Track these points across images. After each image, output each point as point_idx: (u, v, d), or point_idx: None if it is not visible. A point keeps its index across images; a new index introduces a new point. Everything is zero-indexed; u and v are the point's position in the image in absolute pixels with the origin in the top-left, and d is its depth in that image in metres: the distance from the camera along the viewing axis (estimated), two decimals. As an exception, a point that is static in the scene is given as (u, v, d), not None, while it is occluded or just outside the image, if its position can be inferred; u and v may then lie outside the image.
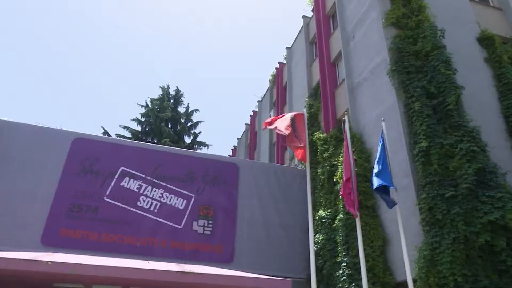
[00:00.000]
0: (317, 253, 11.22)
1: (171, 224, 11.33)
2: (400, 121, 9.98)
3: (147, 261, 5.42)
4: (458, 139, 8.86)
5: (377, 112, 11.15)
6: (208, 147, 28.59)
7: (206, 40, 77.23)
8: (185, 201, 11.75)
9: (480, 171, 8.46)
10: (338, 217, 11.04)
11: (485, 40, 11.92)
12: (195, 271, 4.46)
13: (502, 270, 7.69)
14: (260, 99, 24.92)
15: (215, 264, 8.79)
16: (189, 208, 11.69)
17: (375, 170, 8.07)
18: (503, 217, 7.74)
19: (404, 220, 8.06)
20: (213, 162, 12.74)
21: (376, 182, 7.87)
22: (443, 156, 8.82)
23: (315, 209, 12.41)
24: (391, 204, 8.07)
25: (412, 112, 9.72)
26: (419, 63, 10.47)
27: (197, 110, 29.27)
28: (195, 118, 29.20)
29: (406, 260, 7.39)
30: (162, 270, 4.29)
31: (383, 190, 7.97)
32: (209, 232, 11.51)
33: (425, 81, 10.04)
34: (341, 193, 8.75)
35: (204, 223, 11.59)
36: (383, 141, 8.53)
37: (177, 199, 11.71)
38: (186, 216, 11.55)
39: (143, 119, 27.28)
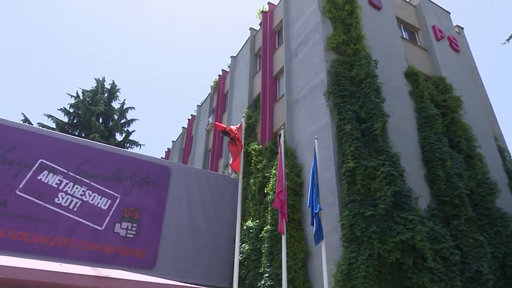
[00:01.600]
0: (241, 263, 11.27)
1: (91, 224, 10.61)
2: (331, 140, 10.50)
3: (59, 263, 5.00)
4: (380, 163, 9.58)
5: (311, 130, 11.64)
6: (140, 147, 27.64)
7: (149, 38, 74.99)
8: (109, 201, 11.10)
9: (396, 194, 9.22)
10: (265, 228, 11.23)
11: (411, 76, 13.15)
12: (112, 276, 4.22)
13: (408, 286, 8.41)
14: (200, 104, 24.69)
15: (135, 269, 8.39)
16: (113, 209, 11.05)
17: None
18: (413, 237, 8.50)
19: (326, 235, 8.42)
20: (144, 163, 12.22)
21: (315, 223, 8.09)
22: (366, 177, 9.46)
23: (244, 219, 12.49)
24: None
25: (343, 134, 10.31)
26: (353, 88, 11.19)
27: (133, 107, 28.23)
28: (129, 115, 28.18)
29: (324, 274, 7.71)
30: (75, 274, 3.99)
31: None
32: (132, 236, 10.97)
33: (357, 106, 10.75)
34: (274, 204, 8.91)
35: (128, 225, 11.04)
36: (315, 159, 8.89)
37: (100, 199, 11.02)
38: (109, 217, 10.90)
39: (71, 110, 25.52)
